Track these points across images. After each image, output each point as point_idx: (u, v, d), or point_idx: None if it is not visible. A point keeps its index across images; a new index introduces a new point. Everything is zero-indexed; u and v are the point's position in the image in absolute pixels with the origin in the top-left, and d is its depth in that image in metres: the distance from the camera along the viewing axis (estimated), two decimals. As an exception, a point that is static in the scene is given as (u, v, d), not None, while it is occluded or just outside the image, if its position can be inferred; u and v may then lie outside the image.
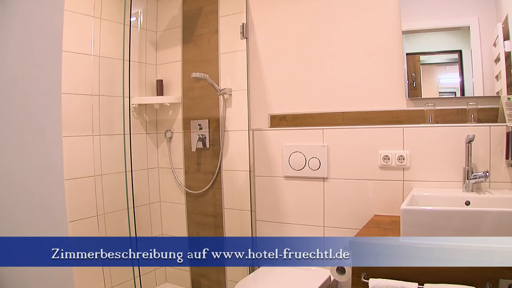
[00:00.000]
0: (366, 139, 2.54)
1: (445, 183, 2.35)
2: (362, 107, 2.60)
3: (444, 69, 2.45)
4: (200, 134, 3.12)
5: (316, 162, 2.67)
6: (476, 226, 1.81)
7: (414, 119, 2.46)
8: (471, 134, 2.17)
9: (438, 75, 2.46)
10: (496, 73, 2.27)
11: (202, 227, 3.23)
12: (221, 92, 2.96)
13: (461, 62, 2.36)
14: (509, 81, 2.20)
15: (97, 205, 2.87)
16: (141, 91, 3.25)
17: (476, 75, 2.32)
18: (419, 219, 1.91)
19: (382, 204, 2.51)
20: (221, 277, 3.17)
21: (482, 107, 2.29)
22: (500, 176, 2.24)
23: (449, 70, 2.43)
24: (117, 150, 2.68)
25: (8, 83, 2.68)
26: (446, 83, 2.45)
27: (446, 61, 2.44)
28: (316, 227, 2.72)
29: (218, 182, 3.10)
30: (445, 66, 2.45)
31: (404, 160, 2.43)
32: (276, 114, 2.86)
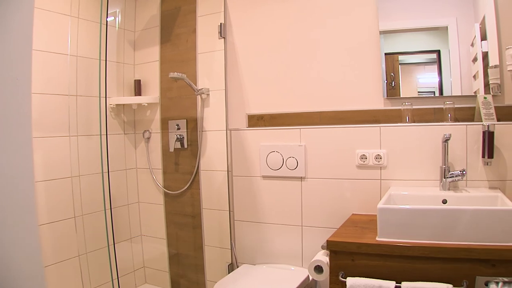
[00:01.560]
0: (343, 139, 2.53)
1: (422, 182, 2.35)
2: (340, 106, 2.59)
3: (423, 69, 2.45)
4: (178, 134, 3.09)
5: (294, 161, 2.66)
6: (453, 224, 1.81)
7: (392, 118, 2.45)
8: (447, 133, 2.17)
9: (417, 75, 2.46)
10: (473, 72, 2.28)
11: (180, 227, 3.20)
12: (199, 92, 2.92)
13: (439, 62, 2.37)
14: (486, 81, 2.21)
15: (75, 206, 2.82)
16: (119, 91, 3.21)
17: (454, 75, 2.33)
18: (396, 217, 1.90)
19: (359, 203, 2.51)
20: (200, 277, 3.15)
21: (459, 106, 2.30)
22: (477, 175, 2.25)
23: (428, 70, 2.43)
24: (95, 151, 2.63)
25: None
26: (425, 83, 2.45)
27: (425, 61, 2.44)
28: (294, 226, 2.71)
29: (196, 182, 3.07)
30: (424, 66, 2.44)
31: (381, 159, 2.43)
32: (254, 114, 2.84)
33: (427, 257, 1.81)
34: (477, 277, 1.75)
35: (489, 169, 2.22)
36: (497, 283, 1.71)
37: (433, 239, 1.84)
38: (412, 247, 1.83)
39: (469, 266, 1.75)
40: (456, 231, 1.80)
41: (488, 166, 2.22)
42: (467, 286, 1.76)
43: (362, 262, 1.93)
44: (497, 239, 1.75)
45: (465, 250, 1.74)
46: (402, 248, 1.84)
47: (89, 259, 2.90)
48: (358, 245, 1.92)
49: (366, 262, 1.92)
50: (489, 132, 2.12)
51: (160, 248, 3.32)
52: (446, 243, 1.81)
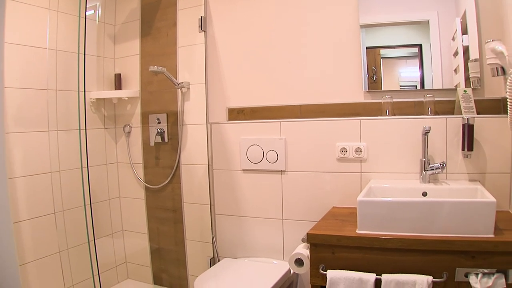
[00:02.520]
0: (324, 132, 2.51)
1: (402, 175, 2.35)
2: (320, 100, 2.57)
3: (404, 63, 2.44)
4: (159, 128, 3.05)
5: (274, 155, 2.64)
6: (432, 216, 1.80)
7: (372, 111, 2.44)
8: (427, 126, 2.16)
9: (399, 69, 2.45)
10: (454, 66, 2.27)
11: (162, 222, 3.17)
12: (179, 86, 2.89)
13: (421, 56, 2.35)
14: (467, 75, 2.21)
15: (55, 202, 2.77)
16: (99, 85, 3.16)
17: (435, 69, 2.32)
18: (376, 210, 1.89)
19: (340, 196, 2.50)
20: (182, 272, 3.13)
21: (439, 99, 2.29)
22: (457, 167, 2.25)
23: (409, 63, 2.41)
24: (75, 146, 2.58)
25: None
26: (407, 77, 2.43)
27: (407, 55, 2.43)
28: (275, 219, 2.69)
29: (177, 177, 3.03)
30: (405, 60, 2.43)
31: (362, 152, 2.41)
32: (234, 108, 2.81)
33: (407, 250, 1.80)
34: (457, 269, 1.75)
35: (469, 162, 2.22)
36: (477, 274, 1.71)
37: (413, 231, 1.83)
38: (392, 239, 1.82)
39: (449, 258, 1.75)
40: (436, 224, 1.80)
41: (468, 159, 2.22)
42: (447, 278, 1.75)
43: (342, 255, 1.91)
44: (476, 231, 1.75)
45: (445, 242, 1.74)
46: (382, 241, 1.83)
47: (70, 255, 2.85)
48: (338, 237, 1.90)
49: (347, 254, 1.90)
50: (469, 125, 2.12)
51: (142, 243, 3.29)
52: (426, 235, 1.80)
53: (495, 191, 2.01)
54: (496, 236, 1.72)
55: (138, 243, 3.31)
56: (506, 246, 1.67)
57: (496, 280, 1.68)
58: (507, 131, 2.09)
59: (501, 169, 2.16)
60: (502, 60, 1.92)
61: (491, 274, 1.70)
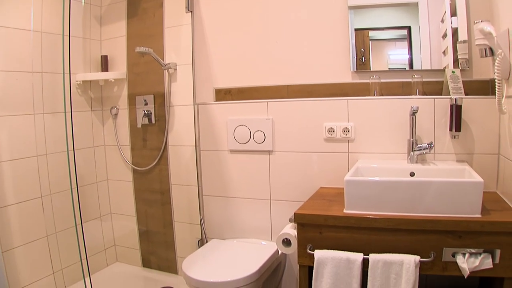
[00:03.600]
0: (311, 112, 2.49)
1: (390, 155, 2.33)
2: (308, 80, 2.54)
3: (394, 45, 2.40)
4: (146, 110, 3.00)
5: (261, 135, 2.60)
6: (420, 196, 1.79)
7: (360, 92, 2.41)
8: (415, 106, 2.14)
9: (388, 51, 2.41)
10: (443, 48, 2.25)
11: (150, 204, 3.14)
12: (166, 67, 2.84)
13: (410, 38, 2.32)
14: (455, 57, 2.19)
15: (42, 186, 2.72)
16: (85, 68, 3.09)
17: (424, 51, 2.29)
18: (363, 190, 1.87)
19: (327, 177, 2.48)
20: (170, 254, 3.11)
21: (427, 80, 2.27)
22: (445, 148, 2.23)
23: (398, 46, 2.38)
24: (61, 129, 2.52)
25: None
26: (396, 59, 2.40)
27: (396, 37, 2.39)
28: (263, 200, 2.67)
29: (164, 158, 3.00)
30: (394, 42, 2.39)
31: (349, 132, 2.39)
32: (221, 88, 2.77)
33: (394, 229, 1.79)
34: (444, 249, 1.74)
35: (457, 143, 2.21)
36: (464, 254, 1.71)
37: (401, 211, 1.82)
38: (379, 219, 1.81)
39: (436, 238, 1.74)
40: (424, 203, 1.78)
41: (456, 140, 2.20)
42: (435, 257, 1.75)
43: (330, 235, 1.90)
44: (463, 211, 1.73)
45: (432, 222, 1.73)
46: (369, 220, 1.82)
47: (59, 239, 2.82)
48: (325, 217, 1.88)
49: (334, 234, 1.89)
50: (456, 106, 2.10)
51: (130, 226, 3.26)
52: (414, 215, 1.79)
53: (483, 172, 2.00)
54: (483, 216, 1.71)
55: (126, 226, 3.28)
56: (493, 226, 1.66)
57: (483, 260, 1.68)
58: (495, 112, 2.07)
59: (489, 150, 2.15)
60: (490, 41, 1.89)
61: (478, 254, 1.70)
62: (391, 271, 1.76)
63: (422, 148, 2.17)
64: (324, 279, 1.86)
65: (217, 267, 2.33)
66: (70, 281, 2.89)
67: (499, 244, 1.67)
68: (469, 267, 1.68)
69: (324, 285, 1.86)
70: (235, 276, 2.15)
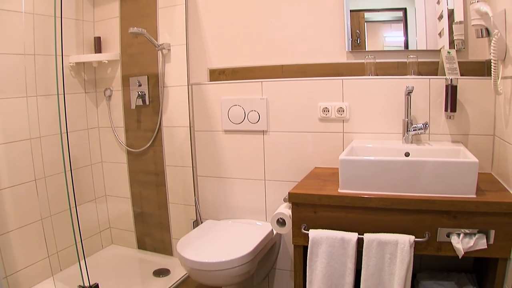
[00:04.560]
0: (306, 92, 2.46)
1: (385, 135, 2.32)
2: (302, 60, 2.51)
3: (389, 27, 2.36)
4: (140, 91, 2.96)
5: (256, 115, 2.58)
6: (415, 176, 1.78)
7: (354, 72, 2.38)
8: (410, 86, 2.11)
9: (383, 33, 2.38)
10: (439, 30, 2.22)
11: (144, 186, 3.12)
12: (160, 48, 2.79)
13: (405, 20, 2.29)
14: (451, 38, 2.16)
15: (35, 169, 2.69)
16: (78, 49, 3.04)
17: (420, 33, 2.26)
18: (358, 169, 1.86)
19: (322, 157, 2.46)
20: (165, 235, 3.10)
21: (423, 60, 2.24)
22: (440, 129, 2.22)
23: (394, 28, 2.34)
24: (55, 111, 2.48)
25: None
26: (391, 41, 2.37)
27: (391, 19, 2.35)
28: (257, 180, 2.66)
29: (158, 139, 2.97)
30: (390, 24, 2.36)
31: (344, 112, 2.36)
32: (216, 68, 2.73)
33: (389, 209, 1.78)
34: (439, 229, 1.74)
35: (452, 123, 2.19)
36: (459, 234, 1.71)
37: (396, 190, 1.81)
38: (374, 198, 1.80)
39: (431, 218, 1.74)
40: (419, 183, 1.77)
41: (451, 120, 2.18)
42: (429, 237, 1.75)
43: (324, 214, 1.89)
44: (458, 191, 1.73)
45: (427, 201, 1.72)
46: (363, 200, 1.81)
47: (54, 222, 2.80)
48: (320, 197, 1.87)
49: (329, 214, 1.88)
50: (452, 86, 2.08)
51: (125, 208, 3.24)
52: (409, 194, 1.78)
53: (478, 153, 1.99)
54: (478, 197, 1.70)
55: (121, 208, 3.26)
56: (487, 206, 1.66)
57: (478, 241, 1.68)
58: (490, 93, 2.05)
59: (484, 131, 2.13)
60: (486, 21, 1.87)
61: (473, 235, 1.69)
62: (386, 250, 1.76)
63: (417, 129, 2.15)
64: (318, 259, 1.85)
65: (212, 248, 2.31)
66: (66, 264, 2.88)
67: (494, 224, 1.67)
68: (463, 248, 1.67)
69: (319, 265, 1.86)
70: (230, 257, 2.14)
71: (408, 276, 1.74)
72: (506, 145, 1.87)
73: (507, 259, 1.69)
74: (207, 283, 2.29)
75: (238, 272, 2.15)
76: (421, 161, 1.77)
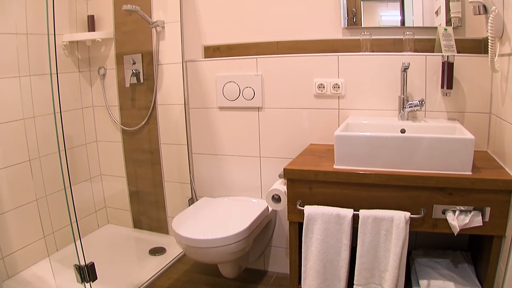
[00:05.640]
0: (301, 68, 2.43)
1: (380, 112, 2.29)
2: (298, 36, 2.47)
3: (385, 6, 2.32)
4: (134, 69, 2.92)
5: (250, 92, 2.54)
6: (410, 152, 1.77)
7: (350, 48, 2.35)
8: (406, 62, 2.09)
9: (379, 12, 2.33)
10: (436, 8, 2.18)
11: (140, 164, 3.10)
12: (154, 25, 2.75)
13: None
14: (448, 17, 2.13)
15: (30, 149, 2.67)
16: (72, 28, 2.99)
17: (416, 12, 2.22)
18: (353, 145, 1.84)
19: (317, 133, 2.44)
20: (161, 214, 3.10)
21: (419, 37, 2.21)
22: (436, 106, 2.19)
23: (391, 7, 2.30)
24: (49, 91, 2.44)
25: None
26: (387, 20, 2.32)
27: (388, -3, 2.32)
28: (252, 157, 2.64)
29: (153, 118, 2.94)
30: (386, 3, 2.31)
31: (339, 88, 2.34)
32: (210, 45, 2.68)
33: (384, 185, 1.78)
34: (435, 206, 1.73)
35: (448, 101, 2.16)
36: (454, 211, 1.70)
37: (391, 167, 1.80)
38: (369, 174, 1.79)
39: (427, 195, 1.74)
40: (414, 159, 1.76)
41: (447, 97, 2.16)
42: (425, 214, 1.75)
43: (320, 190, 1.88)
44: (454, 168, 1.72)
45: (423, 178, 1.71)
46: (359, 176, 1.80)
47: (49, 202, 2.78)
48: (315, 173, 1.86)
49: (324, 190, 1.87)
50: (448, 63, 2.05)
51: (120, 187, 3.23)
52: (404, 171, 1.77)
53: (474, 131, 1.95)
54: (474, 174, 1.69)
55: (116, 187, 3.25)
56: (483, 183, 1.65)
57: (473, 218, 1.67)
58: (487, 71, 2.02)
59: (480, 109, 2.11)
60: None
61: (468, 212, 1.69)
62: (381, 227, 1.75)
63: (413, 105, 2.12)
64: (314, 235, 1.85)
65: (207, 225, 2.30)
66: (62, 244, 2.88)
67: (489, 202, 1.67)
68: (459, 225, 1.67)
69: (314, 241, 1.85)
70: (226, 234, 2.13)
71: (403, 253, 1.74)
72: (502, 123, 1.84)
73: (502, 236, 1.68)
74: (203, 260, 2.28)
75: (233, 249, 2.14)
76: (417, 138, 1.75)
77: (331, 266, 1.87)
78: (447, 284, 1.81)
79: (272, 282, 2.63)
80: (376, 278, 1.83)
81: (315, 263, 1.86)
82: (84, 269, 2.13)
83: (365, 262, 1.80)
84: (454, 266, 1.96)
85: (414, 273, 1.97)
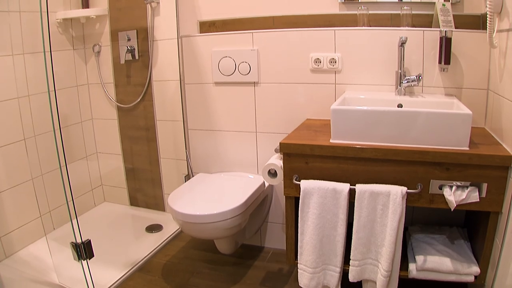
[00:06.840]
0: (297, 42, 2.39)
1: (377, 87, 2.27)
2: (294, 11, 2.43)
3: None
4: (129, 45, 2.87)
5: (246, 66, 2.51)
6: (407, 127, 1.75)
7: (347, 23, 2.32)
8: (403, 36, 2.06)
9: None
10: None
11: (135, 141, 3.08)
12: (149, 1, 2.70)
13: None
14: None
15: (24, 128, 2.64)
16: (65, 5, 2.93)
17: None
18: (350, 119, 1.82)
19: (314, 108, 2.42)
20: (157, 191, 3.10)
21: (417, 13, 2.18)
22: (433, 81, 2.17)
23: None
24: (43, 69, 2.40)
25: None
26: (385, 0, 2.29)
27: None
28: (248, 133, 2.62)
29: (149, 94, 2.91)
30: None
31: (336, 63, 2.30)
32: (206, 21, 2.64)
33: (381, 160, 1.76)
34: (432, 181, 1.73)
35: (446, 76, 2.14)
36: (451, 187, 1.70)
37: (388, 141, 1.78)
38: (366, 149, 1.77)
39: (424, 169, 1.72)
40: (411, 134, 1.75)
41: (445, 73, 2.13)
42: (422, 189, 1.74)
43: (316, 165, 1.86)
44: (451, 143, 1.70)
45: (420, 152, 1.70)
46: (356, 150, 1.78)
47: (45, 181, 2.77)
48: (311, 147, 1.84)
49: (320, 164, 1.85)
50: (446, 38, 2.02)
51: (116, 165, 3.22)
52: (401, 145, 1.76)
53: (471, 107, 1.90)
54: (471, 149, 1.68)
55: (112, 164, 3.24)
56: (480, 159, 1.63)
57: (470, 193, 1.67)
58: (485, 47, 2.00)
59: (478, 85, 2.08)
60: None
61: (465, 187, 1.68)
62: (378, 201, 1.74)
63: (410, 80, 2.10)
64: (310, 210, 1.83)
65: (204, 200, 2.28)
66: (59, 223, 2.87)
67: (486, 177, 1.66)
68: (456, 200, 1.66)
69: (311, 216, 1.84)
70: (222, 209, 2.11)
71: (400, 228, 1.73)
72: (500, 99, 1.82)
73: (498, 213, 1.68)
74: (199, 236, 2.27)
75: (230, 224, 2.13)
76: (414, 112, 1.73)
77: (328, 241, 1.86)
78: (443, 260, 1.81)
79: (268, 258, 2.63)
80: (372, 254, 1.82)
81: (311, 238, 1.85)
82: (80, 247, 2.12)
83: (362, 237, 1.80)
84: (451, 242, 1.96)
85: (411, 249, 1.96)
